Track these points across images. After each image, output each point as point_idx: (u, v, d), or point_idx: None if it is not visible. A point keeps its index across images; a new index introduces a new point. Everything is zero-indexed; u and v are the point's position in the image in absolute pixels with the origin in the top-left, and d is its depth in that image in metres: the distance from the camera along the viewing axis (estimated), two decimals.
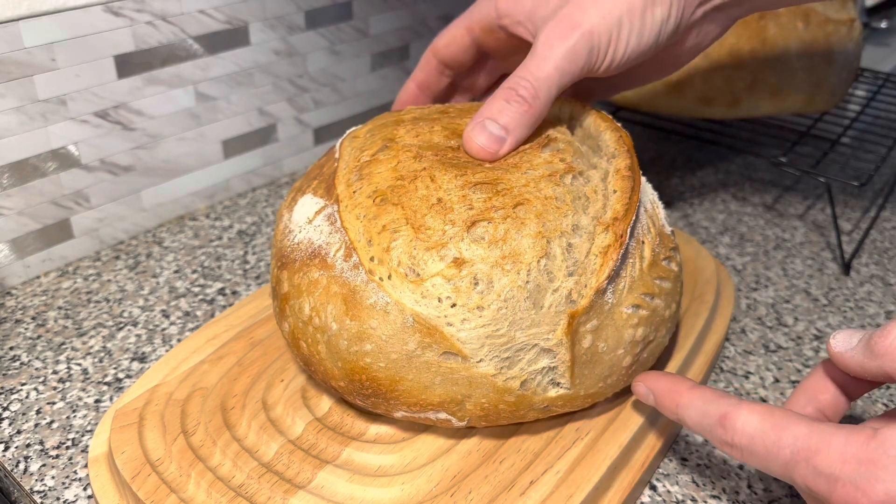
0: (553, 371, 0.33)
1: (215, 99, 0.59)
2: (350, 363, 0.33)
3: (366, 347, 0.33)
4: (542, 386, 0.34)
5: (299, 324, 0.35)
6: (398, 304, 0.32)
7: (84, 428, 0.40)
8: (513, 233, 0.33)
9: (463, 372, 0.32)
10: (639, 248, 0.35)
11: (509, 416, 0.34)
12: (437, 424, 0.35)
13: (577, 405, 0.35)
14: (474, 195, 0.34)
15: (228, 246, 0.57)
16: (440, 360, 0.32)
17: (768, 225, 0.61)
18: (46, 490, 0.37)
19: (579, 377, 0.34)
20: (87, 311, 0.49)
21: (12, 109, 0.48)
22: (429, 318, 0.32)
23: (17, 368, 0.45)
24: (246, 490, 0.33)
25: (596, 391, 0.35)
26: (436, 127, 0.38)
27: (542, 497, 0.33)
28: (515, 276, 0.32)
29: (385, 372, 0.33)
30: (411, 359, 0.32)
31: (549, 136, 0.38)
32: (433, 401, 0.33)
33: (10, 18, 0.46)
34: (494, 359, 0.32)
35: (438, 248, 0.32)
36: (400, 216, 0.33)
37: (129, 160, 0.55)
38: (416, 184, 0.34)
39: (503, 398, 0.33)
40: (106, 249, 0.56)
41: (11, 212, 0.50)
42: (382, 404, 0.34)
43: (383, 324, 0.32)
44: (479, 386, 0.33)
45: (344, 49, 0.66)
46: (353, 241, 0.34)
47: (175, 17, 0.54)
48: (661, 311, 0.36)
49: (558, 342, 0.33)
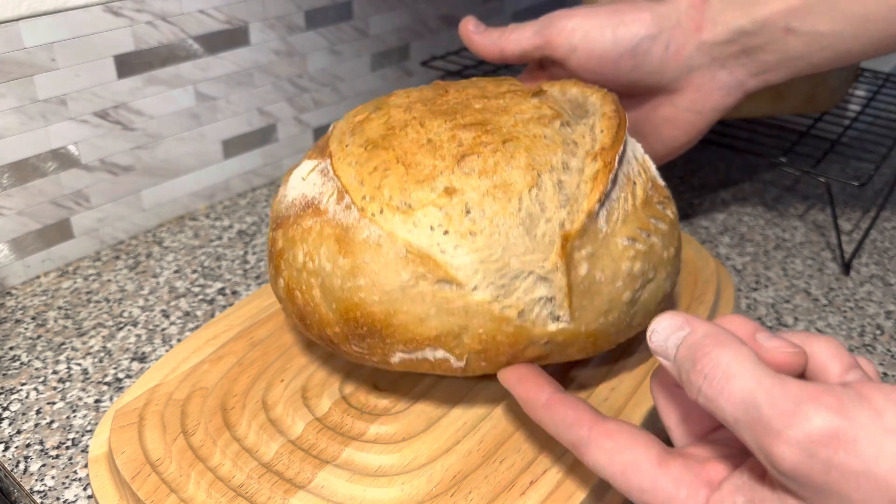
0: (551, 303, 0.33)
1: (215, 99, 0.59)
2: (344, 301, 0.33)
3: (359, 282, 0.33)
4: (542, 319, 0.33)
5: (293, 273, 0.35)
6: (390, 236, 0.32)
7: (84, 428, 0.40)
8: (503, 165, 0.33)
9: (458, 301, 0.32)
10: (630, 186, 0.36)
11: (509, 352, 0.33)
12: (436, 371, 0.34)
13: (580, 346, 0.34)
14: (463, 134, 0.35)
15: (228, 246, 0.57)
16: (434, 290, 0.32)
17: (768, 225, 0.61)
18: (46, 490, 0.37)
19: (578, 309, 0.33)
20: (87, 311, 0.49)
21: (12, 109, 0.48)
22: (421, 246, 0.32)
23: (17, 368, 0.45)
24: (246, 490, 0.33)
25: (597, 328, 0.34)
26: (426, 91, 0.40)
27: (543, 497, 0.33)
28: (507, 204, 0.33)
29: (379, 306, 0.32)
30: (405, 290, 0.32)
31: (541, 87, 0.39)
32: (429, 334, 0.32)
33: (10, 18, 0.46)
34: (490, 286, 0.32)
35: (429, 180, 0.33)
36: (391, 157, 0.34)
37: (129, 160, 0.55)
38: (407, 130, 0.36)
39: (501, 328, 0.32)
40: (106, 249, 0.56)
41: (11, 212, 0.50)
42: (378, 346, 0.33)
43: (376, 257, 0.32)
44: (475, 315, 0.32)
45: (344, 49, 0.66)
46: (346, 185, 0.34)
47: (175, 17, 0.54)
48: (659, 251, 0.36)
49: (553, 267, 0.32)
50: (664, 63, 0.44)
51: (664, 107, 0.47)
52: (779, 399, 0.23)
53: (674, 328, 0.28)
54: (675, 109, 0.46)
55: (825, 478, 0.22)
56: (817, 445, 0.22)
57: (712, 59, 0.44)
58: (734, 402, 0.24)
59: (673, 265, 0.37)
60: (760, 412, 0.23)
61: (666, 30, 0.43)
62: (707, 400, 0.25)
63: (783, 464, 0.23)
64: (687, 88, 0.45)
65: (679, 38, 0.44)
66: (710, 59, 0.44)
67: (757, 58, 0.43)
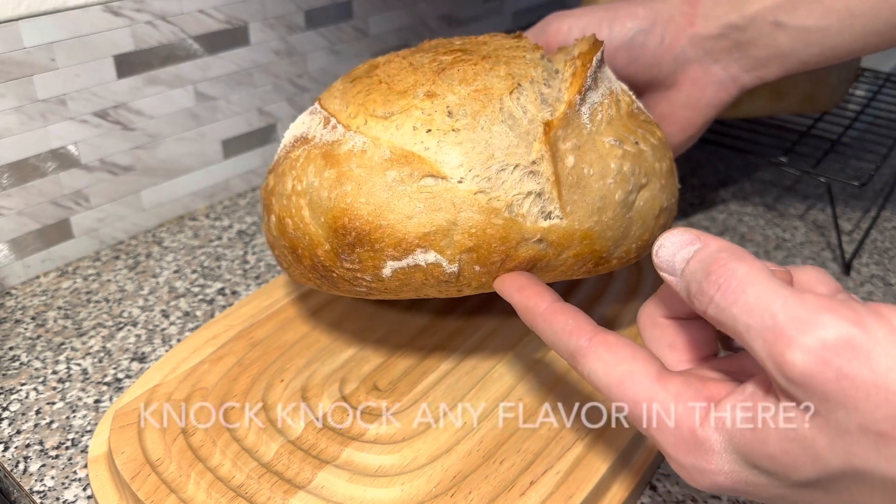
0: (541, 199, 0.33)
1: (215, 99, 0.59)
2: (332, 211, 0.33)
3: (346, 188, 0.33)
4: (533, 215, 0.33)
5: (283, 203, 0.36)
6: (374, 141, 0.33)
7: (84, 428, 0.40)
8: (483, 74, 0.35)
9: (445, 195, 0.32)
10: (613, 98, 0.37)
11: (501, 250, 0.33)
12: (430, 287, 0.33)
13: (576, 250, 0.34)
14: (444, 57, 0.36)
15: (228, 246, 0.57)
16: (420, 186, 0.32)
17: (768, 225, 0.61)
18: (46, 490, 0.37)
19: (569, 203, 0.33)
20: (87, 312, 0.49)
21: (12, 109, 0.48)
22: (404, 146, 0.33)
23: (16, 368, 0.44)
24: (246, 490, 0.33)
25: (592, 228, 0.34)
26: None
27: (543, 497, 0.33)
28: (488, 104, 0.34)
29: (366, 207, 0.33)
30: (391, 189, 0.32)
31: (521, 35, 0.41)
32: (418, 232, 0.32)
33: (9, 18, 0.46)
34: (476, 178, 0.32)
35: (411, 90, 0.35)
36: (374, 80, 0.36)
37: (129, 160, 0.55)
38: (390, 62, 0.38)
39: (490, 221, 0.32)
40: (106, 249, 0.56)
41: (11, 212, 0.50)
42: (369, 257, 0.33)
43: (361, 162, 0.33)
44: (462, 207, 0.32)
45: (344, 49, 0.66)
46: (332, 112, 0.36)
47: (175, 16, 0.54)
48: (650, 160, 0.36)
49: (539, 156, 0.33)
50: (659, 56, 0.45)
51: (661, 104, 0.48)
52: (795, 307, 0.23)
53: (684, 243, 0.27)
54: (671, 105, 0.47)
55: (835, 385, 0.22)
56: (831, 353, 0.22)
57: (705, 52, 0.45)
58: (748, 309, 0.24)
59: (668, 180, 0.37)
60: (776, 319, 0.23)
61: (660, 24, 0.45)
62: (718, 310, 0.25)
63: (794, 370, 0.22)
64: (682, 83, 0.46)
65: (672, 31, 0.45)
66: (704, 53, 0.45)
67: (748, 53, 0.44)
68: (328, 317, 0.44)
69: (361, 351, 0.41)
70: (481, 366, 0.40)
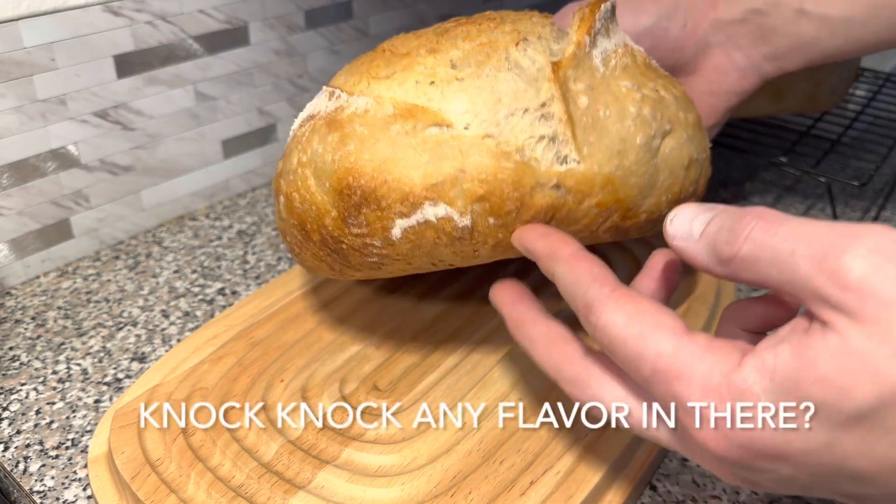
0: (554, 143, 0.31)
1: (215, 99, 0.59)
2: (336, 174, 0.32)
3: (349, 148, 0.32)
4: (548, 160, 0.31)
5: (289, 178, 0.35)
6: (377, 99, 0.32)
7: (84, 428, 0.40)
8: (487, 32, 0.33)
9: (451, 142, 0.30)
10: (628, 48, 0.35)
11: (515, 197, 0.30)
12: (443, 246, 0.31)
13: (599, 199, 0.31)
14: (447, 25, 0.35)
15: (228, 246, 0.57)
16: (426, 136, 0.31)
17: None
18: (46, 490, 0.37)
19: (586, 144, 0.31)
20: (87, 312, 0.49)
21: (12, 109, 0.48)
22: (407, 99, 0.32)
23: (16, 368, 0.44)
24: (246, 490, 0.33)
25: (612, 171, 0.31)
26: None
27: (543, 497, 0.33)
28: (493, 55, 0.32)
29: (371, 164, 0.31)
30: (396, 142, 0.31)
31: None
32: (426, 184, 0.30)
33: (9, 18, 0.46)
34: (483, 123, 0.31)
35: (413, 51, 0.34)
36: (377, 51, 0.35)
37: (129, 160, 0.55)
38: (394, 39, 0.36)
39: (500, 165, 0.30)
40: (105, 249, 0.56)
41: (11, 212, 0.50)
42: (376, 218, 0.31)
43: (364, 121, 0.32)
44: (470, 153, 0.30)
45: (344, 49, 0.66)
46: (337, 85, 0.35)
47: (175, 16, 0.54)
48: (673, 108, 0.34)
49: (549, 97, 0.31)
50: (681, 41, 0.45)
51: None
52: (842, 225, 0.22)
53: (700, 211, 0.26)
54: (693, 92, 0.47)
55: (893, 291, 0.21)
56: (888, 256, 0.21)
57: (727, 37, 0.45)
58: (792, 234, 0.23)
59: (695, 132, 0.35)
60: (824, 234, 0.22)
61: (682, 8, 0.45)
62: (755, 246, 0.24)
63: (851, 275, 0.21)
64: (704, 69, 0.46)
65: (695, 16, 0.45)
66: (726, 38, 0.45)
67: (771, 40, 0.44)
68: (328, 316, 0.44)
69: (362, 351, 0.41)
70: (481, 366, 0.40)
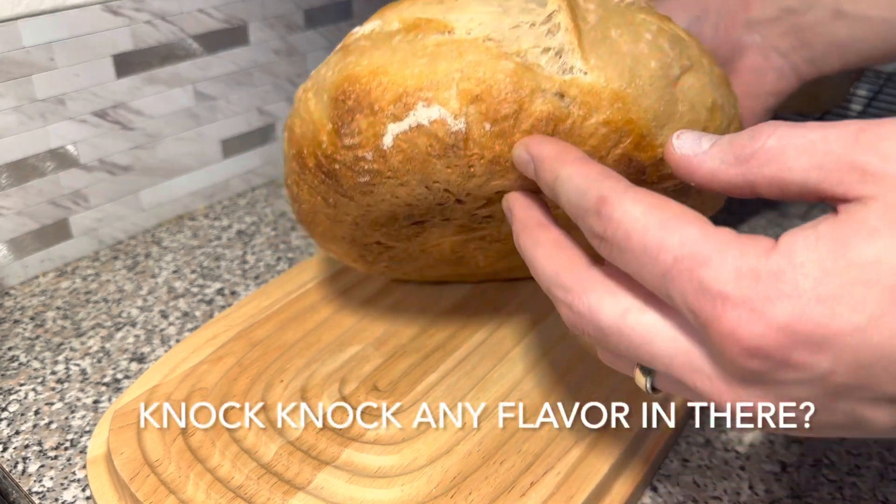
0: (559, 57, 0.29)
1: (214, 98, 0.59)
2: (335, 84, 0.32)
3: (350, 59, 0.32)
4: (551, 68, 0.29)
5: (292, 113, 0.35)
6: (382, 17, 0.33)
7: (83, 429, 0.40)
8: None
9: (451, 45, 0.30)
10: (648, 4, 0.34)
11: (512, 97, 0.29)
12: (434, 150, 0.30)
13: (607, 117, 0.29)
14: None
15: (227, 246, 0.57)
16: (426, 42, 0.30)
17: (769, 225, 0.61)
18: (45, 491, 0.37)
19: (594, 56, 0.29)
20: (86, 312, 0.49)
21: (11, 109, 0.48)
22: (412, 13, 0.32)
23: (15, 369, 0.44)
24: (245, 491, 0.33)
25: (622, 87, 0.29)
26: None
27: (543, 498, 0.33)
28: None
29: (368, 67, 0.31)
30: (395, 49, 0.31)
31: None
32: (419, 84, 0.29)
33: (8, 17, 0.46)
34: (486, 30, 0.30)
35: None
36: None
37: (128, 160, 0.55)
38: None
39: (500, 65, 0.29)
40: (104, 249, 0.56)
41: (10, 212, 0.50)
42: (369, 123, 0.30)
43: (369, 36, 0.33)
44: (468, 52, 0.29)
45: None
46: None
47: (174, 16, 0.54)
48: (694, 50, 0.32)
49: (556, 8, 0.30)
50: (716, 43, 0.44)
51: None
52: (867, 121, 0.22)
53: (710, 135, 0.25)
54: None
55: None
56: None
57: (763, 38, 0.44)
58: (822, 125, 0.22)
59: (721, 82, 0.33)
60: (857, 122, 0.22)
61: (712, 11, 0.44)
62: (784, 136, 0.23)
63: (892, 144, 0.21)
64: (741, 71, 0.45)
65: (727, 18, 0.44)
66: (761, 38, 0.44)
67: (806, 41, 0.43)
68: (328, 317, 0.44)
69: (361, 351, 0.41)
70: (482, 366, 0.40)
